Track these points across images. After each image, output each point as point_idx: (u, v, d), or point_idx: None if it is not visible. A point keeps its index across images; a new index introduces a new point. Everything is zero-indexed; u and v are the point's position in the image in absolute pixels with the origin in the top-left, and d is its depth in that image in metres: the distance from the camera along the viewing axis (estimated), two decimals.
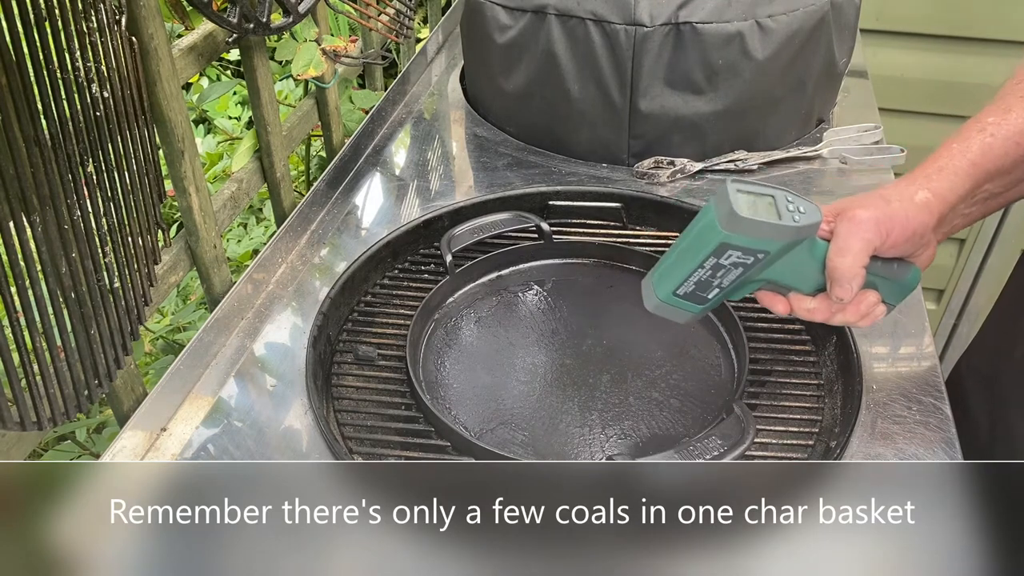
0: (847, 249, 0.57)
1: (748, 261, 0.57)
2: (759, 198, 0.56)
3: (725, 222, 0.55)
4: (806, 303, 0.61)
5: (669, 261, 0.60)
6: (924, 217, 0.58)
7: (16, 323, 0.55)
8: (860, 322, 0.61)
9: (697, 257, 0.58)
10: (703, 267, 0.58)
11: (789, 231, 0.56)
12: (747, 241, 0.56)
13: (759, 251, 0.56)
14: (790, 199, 0.57)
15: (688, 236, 0.58)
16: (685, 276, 0.59)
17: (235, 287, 0.79)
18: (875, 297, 0.60)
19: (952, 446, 0.64)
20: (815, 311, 0.61)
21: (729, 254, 0.57)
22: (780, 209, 0.56)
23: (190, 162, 0.75)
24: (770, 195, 0.56)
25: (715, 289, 0.60)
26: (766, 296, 0.62)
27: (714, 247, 0.56)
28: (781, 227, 0.55)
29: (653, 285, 0.61)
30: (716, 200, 0.56)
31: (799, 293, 0.61)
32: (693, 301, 0.61)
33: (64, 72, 0.56)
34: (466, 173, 1.01)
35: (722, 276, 0.58)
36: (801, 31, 0.91)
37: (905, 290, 0.62)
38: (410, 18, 1.14)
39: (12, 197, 0.53)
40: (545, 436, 0.67)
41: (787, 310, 0.62)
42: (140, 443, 0.65)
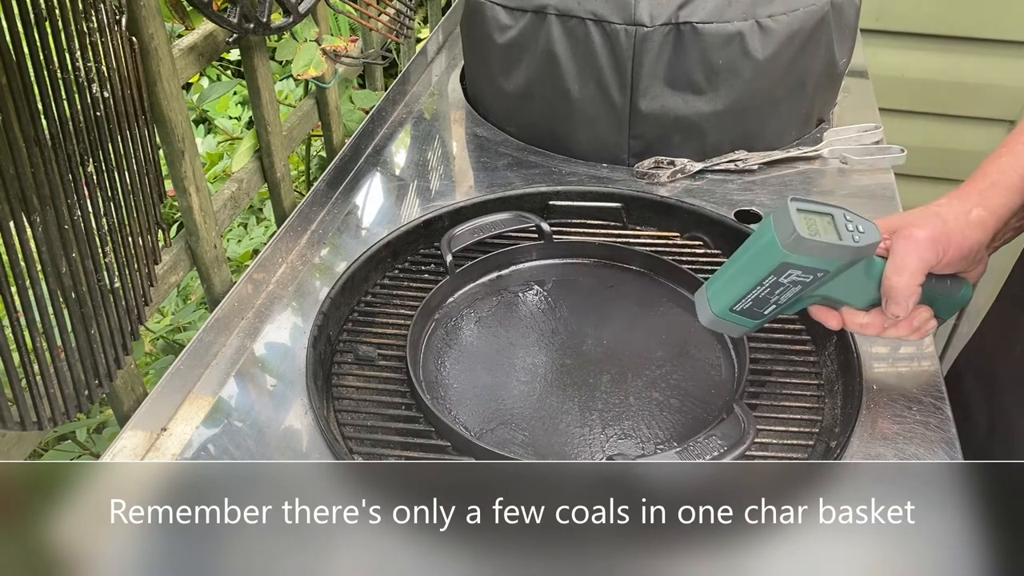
0: (904, 268, 0.57)
1: (807, 280, 0.58)
2: (819, 217, 0.57)
3: (787, 243, 0.55)
4: (859, 318, 0.62)
5: (726, 277, 0.61)
6: (979, 235, 0.59)
7: (16, 323, 0.55)
8: (911, 336, 0.62)
9: (757, 276, 0.58)
10: (762, 285, 0.58)
11: (850, 251, 0.56)
12: (808, 261, 0.56)
13: (819, 270, 0.57)
14: (848, 218, 0.57)
15: (747, 254, 0.59)
16: (743, 294, 0.60)
17: (235, 287, 0.79)
18: (928, 313, 0.61)
19: (952, 446, 0.64)
20: (868, 326, 0.61)
21: (789, 273, 0.57)
22: (840, 229, 0.56)
23: (190, 162, 0.75)
24: (829, 214, 0.57)
25: (772, 306, 0.60)
26: (819, 311, 0.63)
27: (775, 267, 0.57)
28: (842, 248, 0.56)
29: (709, 300, 0.62)
30: (775, 219, 0.56)
31: (852, 308, 0.62)
32: (749, 316, 0.61)
33: (64, 72, 0.56)
34: (466, 173, 1.01)
35: (780, 294, 0.59)
36: (801, 31, 0.91)
37: (957, 305, 0.63)
38: (410, 18, 1.14)
39: (12, 197, 0.53)
40: (545, 436, 0.67)
41: (839, 325, 0.63)
42: (140, 443, 0.65)
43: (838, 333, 0.72)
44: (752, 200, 0.92)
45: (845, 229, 0.56)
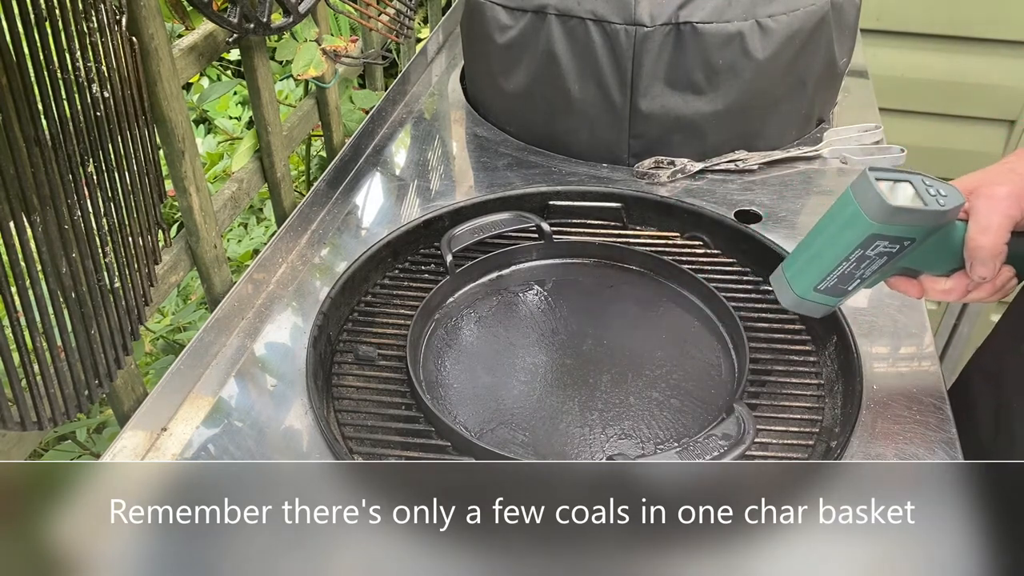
0: (989, 227, 0.56)
1: (894, 250, 0.56)
2: (899, 184, 0.55)
3: (875, 213, 0.54)
4: (940, 284, 0.60)
5: (808, 255, 0.59)
6: None
7: (16, 323, 0.55)
8: (993, 297, 0.60)
9: (842, 251, 0.56)
10: (848, 260, 0.57)
11: (937, 216, 0.54)
12: (896, 230, 0.55)
13: (906, 239, 0.55)
14: (928, 183, 0.56)
15: (829, 229, 0.57)
16: (828, 270, 0.58)
17: (235, 287, 0.79)
18: (1010, 272, 0.59)
19: (952, 446, 0.64)
20: (951, 291, 0.60)
21: (876, 244, 0.55)
22: (922, 194, 0.55)
23: (190, 162, 0.75)
24: (908, 180, 0.56)
25: (856, 280, 0.59)
26: (899, 282, 0.62)
27: (862, 239, 0.55)
28: (929, 213, 0.54)
29: (789, 281, 0.60)
30: (856, 190, 0.55)
31: (931, 275, 0.60)
32: (833, 294, 0.60)
33: (64, 72, 0.56)
34: (466, 173, 1.01)
35: (866, 267, 0.58)
36: (801, 31, 0.91)
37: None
38: (410, 18, 1.14)
39: (12, 197, 0.53)
40: (545, 436, 0.67)
41: (920, 293, 0.61)
42: (140, 443, 0.65)
43: (838, 333, 0.72)
44: (752, 200, 0.92)
45: (927, 194, 0.55)
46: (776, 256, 0.81)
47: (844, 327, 0.71)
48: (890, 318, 0.77)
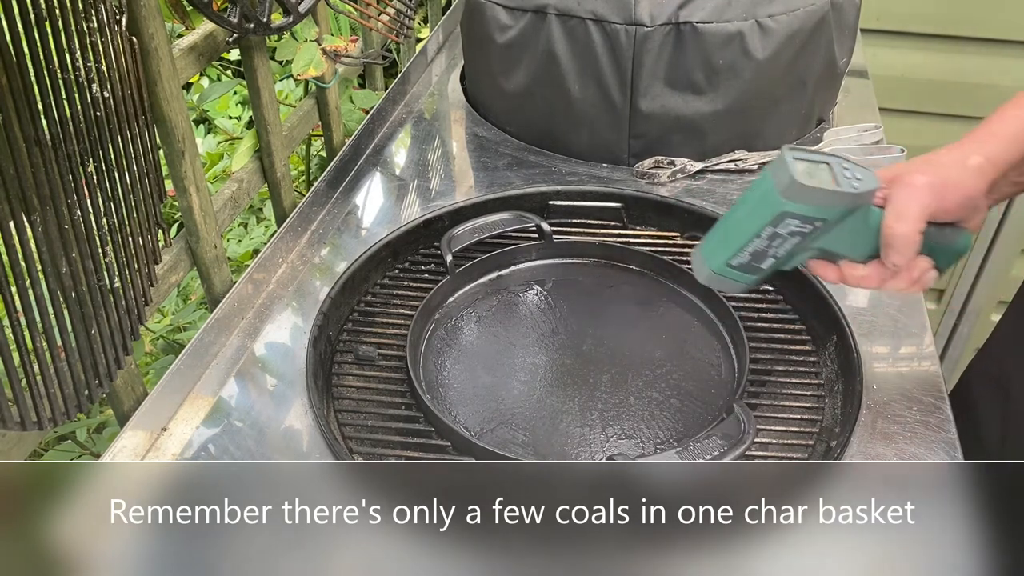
0: (905, 214, 0.56)
1: (806, 230, 0.57)
2: (816, 165, 0.56)
3: (785, 190, 0.54)
4: (858, 270, 0.60)
5: (723, 231, 0.60)
6: (976, 181, 0.58)
7: (16, 323, 0.55)
8: (911, 288, 0.61)
9: (754, 227, 0.57)
10: (760, 237, 0.57)
11: (848, 198, 0.55)
12: (806, 209, 0.55)
13: (817, 219, 0.56)
14: (846, 166, 0.56)
15: (744, 206, 0.58)
16: (740, 246, 0.59)
17: (235, 287, 0.79)
18: (927, 263, 0.60)
19: (952, 446, 0.64)
20: (867, 278, 0.60)
21: (787, 223, 0.56)
22: (838, 176, 0.55)
23: (190, 162, 0.75)
24: (826, 162, 0.56)
25: (770, 259, 0.59)
26: (817, 265, 0.62)
27: (772, 216, 0.56)
28: (840, 194, 0.55)
29: (704, 257, 0.61)
30: (773, 168, 0.55)
31: (850, 261, 0.60)
32: (747, 271, 0.60)
33: (64, 72, 0.56)
34: (466, 173, 1.01)
35: (778, 245, 0.58)
36: (801, 31, 0.91)
37: (957, 254, 0.61)
38: (410, 18, 1.14)
39: (12, 197, 0.53)
40: (545, 436, 0.67)
41: (838, 278, 0.62)
42: (140, 443, 0.65)
43: (838, 333, 0.72)
44: None
45: (843, 176, 0.55)
46: None
47: (844, 327, 0.71)
48: (890, 318, 0.77)
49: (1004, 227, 1.60)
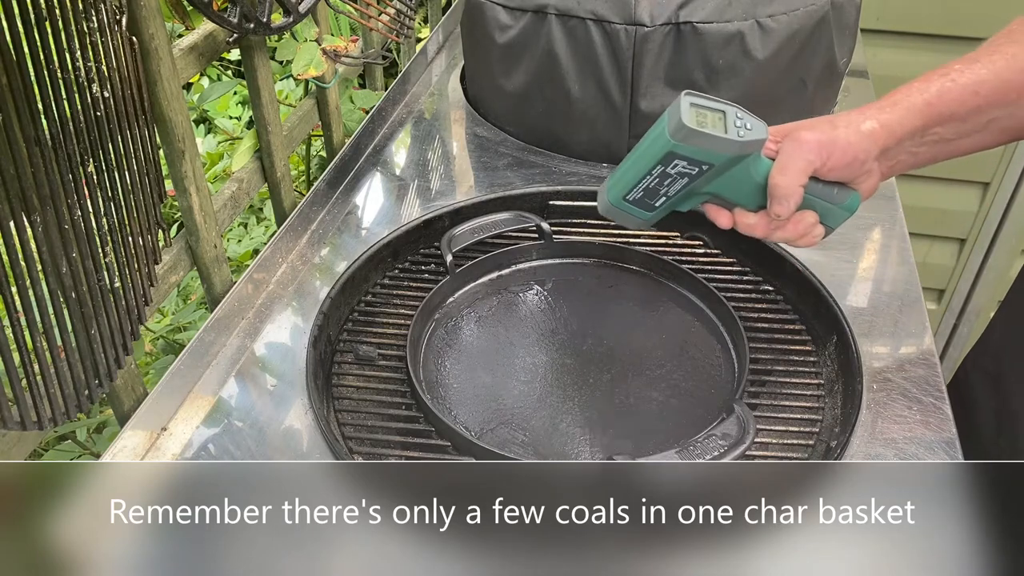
0: (788, 167, 0.59)
1: (693, 172, 0.60)
2: (711, 112, 0.59)
3: (673, 132, 0.58)
4: (748, 218, 0.63)
5: (623, 167, 0.63)
6: (867, 145, 0.60)
7: (16, 323, 0.55)
8: (798, 241, 0.63)
9: (646, 165, 0.61)
10: (651, 175, 0.61)
11: (733, 145, 0.58)
12: (692, 152, 0.58)
13: (704, 163, 0.59)
14: (740, 115, 0.59)
15: (642, 145, 0.61)
16: (635, 182, 0.62)
17: (235, 287, 0.79)
18: (813, 218, 0.62)
19: (952, 446, 0.64)
20: (755, 227, 0.63)
21: (675, 164, 0.59)
22: (728, 124, 0.59)
23: (190, 162, 0.75)
24: (721, 110, 0.59)
25: (662, 197, 0.63)
26: (712, 209, 0.65)
27: (661, 156, 0.59)
28: (726, 141, 0.58)
29: (607, 189, 0.65)
30: (669, 111, 0.58)
31: (743, 209, 0.63)
32: (642, 207, 0.64)
33: (64, 72, 0.56)
34: (466, 173, 1.01)
35: (668, 185, 0.61)
36: (801, 31, 0.91)
37: (843, 214, 0.64)
38: (410, 18, 1.14)
39: (12, 197, 0.53)
40: (545, 436, 0.67)
41: (730, 223, 0.64)
42: (140, 443, 0.65)
43: (838, 333, 0.72)
44: None
45: (733, 125, 0.58)
46: (776, 256, 0.81)
47: (844, 327, 0.72)
48: (890, 318, 0.77)
49: (1004, 227, 1.60)
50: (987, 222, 1.60)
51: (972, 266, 1.67)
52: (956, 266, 1.68)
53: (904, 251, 0.86)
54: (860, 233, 0.87)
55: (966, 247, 1.65)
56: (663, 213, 0.64)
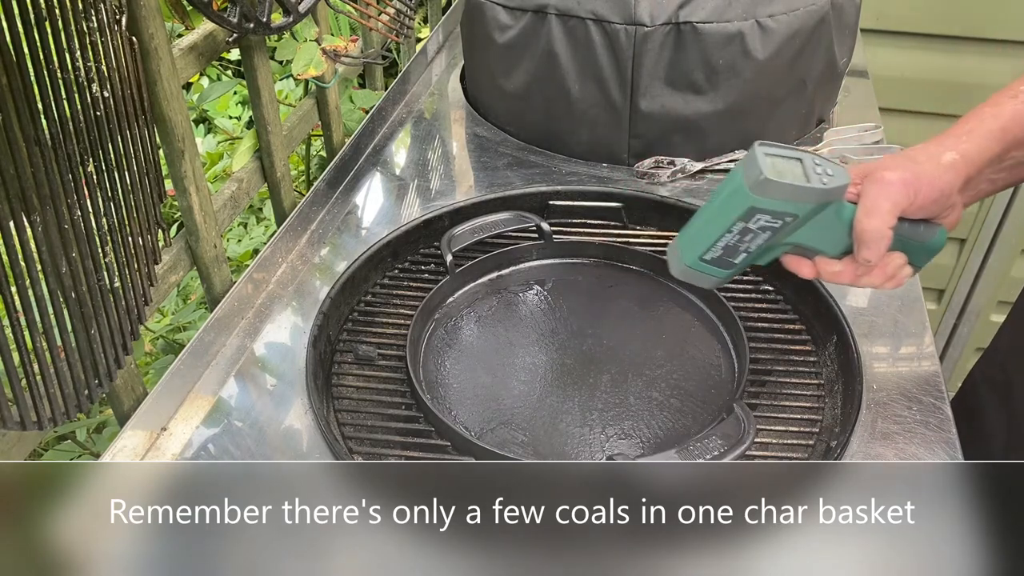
0: (875, 210, 0.57)
1: (776, 225, 0.57)
2: (787, 161, 0.56)
3: (754, 186, 0.55)
4: (832, 266, 0.61)
5: (696, 226, 0.60)
6: (951, 178, 0.58)
7: (16, 323, 0.55)
8: (886, 284, 0.61)
9: (725, 222, 0.58)
10: (731, 232, 0.58)
11: (817, 194, 0.56)
12: (775, 204, 0.56)
13: (787, 214, 0.56)
14: (817, 162, 0.57)
15: (716, 201, 0.58)
16: (713, 241, 0.59)
17: (235, 287, 0.79)
18: (901, 259, 0.60)
19: (952, 446, 0.64)
20: (841, 274, 0.61)
21: (757, 218, 0.57)
22: (808, 172, 0.56)
23: (190, 162, 0.75)
24: (798, 158, 0.57)
25: (742, 254, 0.60)
26: (792, 260, 0.63)
27: (742, 211, 0.56)
28: (809, 190, 0.55)
29: (680, 251, 0.62)
30: (744, 164, 0.56)
31: (825, 256, 0.61)
32: (720, 266, 0.61)
33: (64, 72, 0.56)
34: (466, 173, 1.01)
35: (750, 240, 0.59)
36: (802, 31, 0.91)
37: (931, 252, 0.62)
38: (410, 18, 1.14)
39: (12, 197, 0.53)
40: (545, 436, 0.67)
41: (813, 273, 0.62)
42: (140, 443, 0.65)
43: (838, 333, 0.72)
44: None
45: (813, 172, 0.56)
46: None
47: (844, 327, 0.71)
48: (890, 318, 0.77)
49: (1004, 227, 1.60)
50: (987, 222, 1.60)
51: (972, 266, 1.67)
52: (956, 266, 1.68)
53: None
54: None
55: (966, 247, 1.65)
56: (742, 268, 0.62)
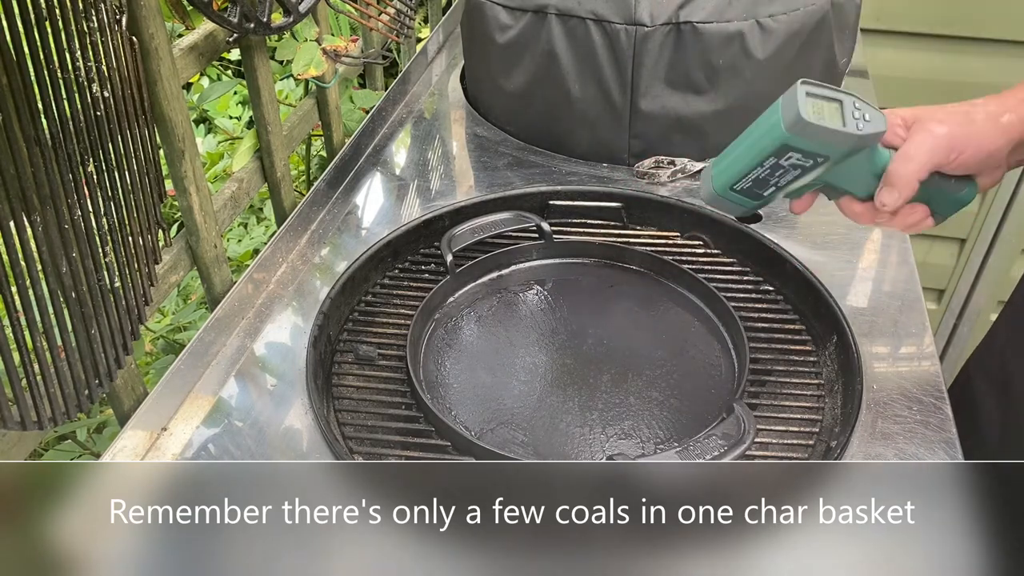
0: (912, 158, 0.56)
1: (807, 164, 0.58)
2: (827, 103, 0.56)
3: (789, 124, 0.55)
4: (853, 206, 0.61)
5: (730, 156, 0.61)
6: (1004, 141, 0.57)
7: (16, 323, 0.55)
8: (908, 230, 0.62)
9: (758, 156, 0.58)
10: (763, 166, 0.59)
11: (852, 139, 0.56)
12: (809, 145, 0.56)
13: (820, 155, 0.57)
14: (858, 106, 0.57)
15: (753, 133, 0.59)
16: (744, 172, 0.60)
17: (235, 287, 0.79)
18: (923, 213, 0.60)
19: (952, 446, 0.64)
20: (860, 215, 0.61)
21: (790, 156, 0.57)
22: (846, 115, 0.56)
23: (190, 162, 0.75)
24: (839, 100, 0.56)
25: (771, 188, 0.60)
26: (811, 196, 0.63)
27: (775, 148, 0.57)
28: (844, 135, 0.55)
29: (712, 178, 0.62)
30: (784, 101, 0.56)
31: (852, 196, 0.61)
32: (748, 196, 0.62)
33: (64, 72, 0.56)
34: (466, 173, 1.01)
35: (780, 176, 0.59)
36: (802, 31, 0.91)
37: (958, 204, 0.61)
38: (411, 18, 1.14)
39: (12, 196, 0.53)
40: (545, 436, 0.67)
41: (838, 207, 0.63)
42: (140, 443, 0.65)
43: (838, 333, 0.72)
44: None
45: (851, 116, 0.56)
46: (776, 256, 0.81)
47: (844, 327, 0.72)
48: (890, 318, 0.77)
49: (1004, 227, 1.60)
50: (987, 222, 1.60)
51: (972, 266, 1.67)
52: (956, 266, 1.68)
53: (904, 251, 0.86)
54: (860, 233, 0.87)
55: (966, 247, 1.65)
56: (769, 201, 0.62)
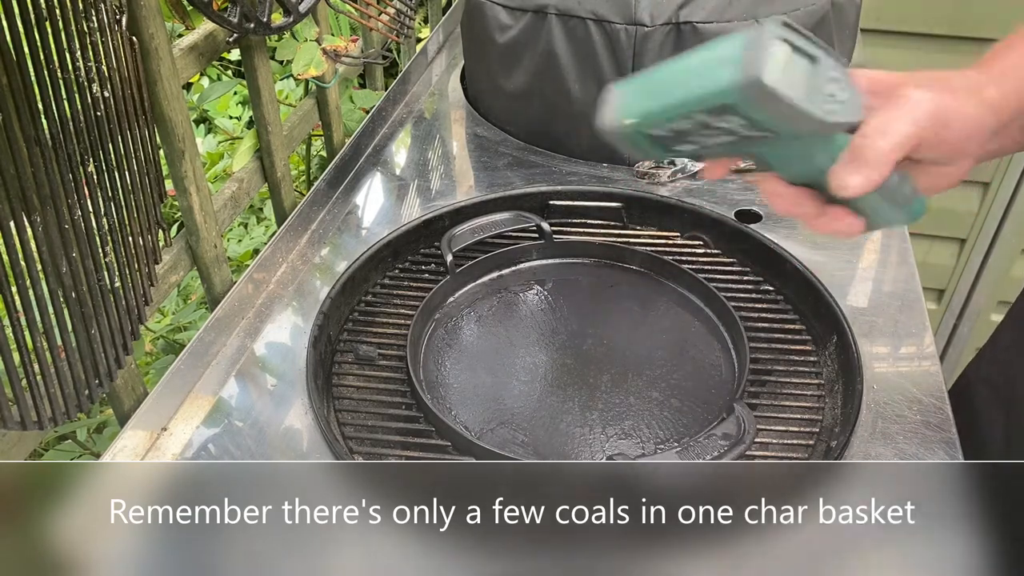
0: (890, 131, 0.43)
1: (746, 134, 0.43)
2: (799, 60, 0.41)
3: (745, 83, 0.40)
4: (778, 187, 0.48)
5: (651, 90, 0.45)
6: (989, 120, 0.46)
7: (16, 323, 0.55)
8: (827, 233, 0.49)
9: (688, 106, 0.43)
10: (689, 118, 0.44)
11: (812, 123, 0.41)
12: (758, 115, 0.41)
13: (767, 129, 0.42)
14: (834, 75, 0.43)
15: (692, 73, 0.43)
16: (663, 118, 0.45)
17: (236, 287, 0.79)
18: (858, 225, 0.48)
19: (952, 446, 0.64)
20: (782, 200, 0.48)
21: (728, 118, 0.42)
22: (817, 84, 0.42)
23: (191, 162, 0.75)
24: (814, 56, 0.42)
25: (690, 144, 0.46)
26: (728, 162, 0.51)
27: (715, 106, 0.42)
28: (805, 116, 0.41)
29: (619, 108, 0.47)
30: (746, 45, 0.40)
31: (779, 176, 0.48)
32: (656, 144, 0.47)
33: (64, 72, 0.56)
34: (466, 173, 1.01)
35: (706, 136, 0.45)
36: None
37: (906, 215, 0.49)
38: (411, 18, 1.14)
39: (12, 197, 0.53)
40: (545, 436, 0.67)
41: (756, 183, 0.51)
42: (140, 443, 0.65)
43: (838, 333, 0.72)
44: (752, 200, 0.92)
45: (822, 91, 0.42)
46: (777, 256, 0.81)
47: (844, 327, 0.71)
48: (890, 318, 0.77)
49: (1004, 227, 1.60)
50: (987, 222, 1.60)
51: (972, 266, 1.67)
52: (956, 266, 1.68)
53: (904, 251, 0.86)
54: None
55: (966, 247, 1.65)
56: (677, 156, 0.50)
